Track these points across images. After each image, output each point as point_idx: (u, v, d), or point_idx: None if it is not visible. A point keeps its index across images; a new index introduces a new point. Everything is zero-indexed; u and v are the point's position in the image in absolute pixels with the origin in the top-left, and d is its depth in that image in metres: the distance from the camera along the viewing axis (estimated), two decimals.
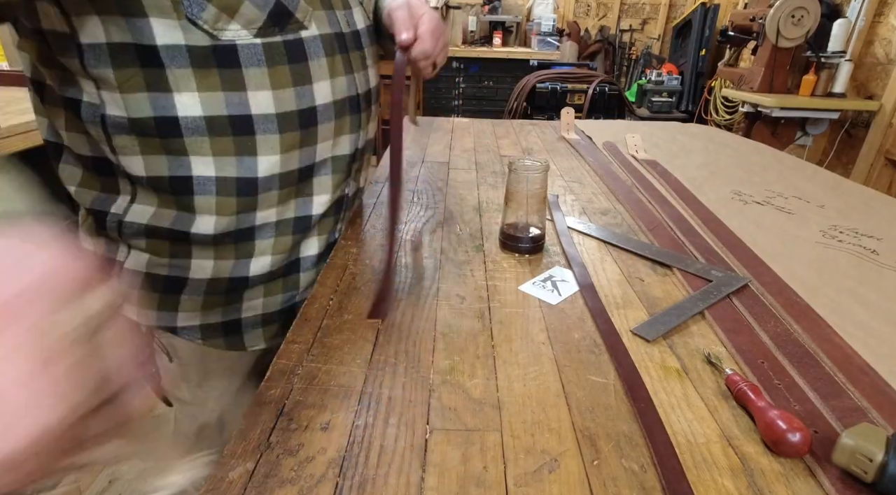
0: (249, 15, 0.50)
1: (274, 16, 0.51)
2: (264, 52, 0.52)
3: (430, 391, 0.47)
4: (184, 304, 0.61)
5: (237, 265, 0.61)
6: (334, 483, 0.37)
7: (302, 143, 0.58)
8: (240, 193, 0.56)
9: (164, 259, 0.58)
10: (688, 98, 3.76)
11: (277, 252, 0.63)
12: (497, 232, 0.79)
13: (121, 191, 0.56)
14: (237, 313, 0.64)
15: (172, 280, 0.59)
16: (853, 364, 0.50)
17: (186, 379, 0.67)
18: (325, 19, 0.57)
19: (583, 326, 0.57)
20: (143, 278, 0.59)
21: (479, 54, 3.59)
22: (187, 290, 0.60)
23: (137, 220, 0.56)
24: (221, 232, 0.57)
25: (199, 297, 0.61)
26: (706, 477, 0.39)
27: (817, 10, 2.38)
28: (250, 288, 0.63)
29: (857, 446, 0.37)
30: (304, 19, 0.54)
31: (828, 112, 2.49)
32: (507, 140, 1.38)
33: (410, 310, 0.59)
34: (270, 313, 0.66)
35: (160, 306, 0.60)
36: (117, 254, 0.59)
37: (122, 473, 1.41)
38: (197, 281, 0.60)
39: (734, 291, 0.63)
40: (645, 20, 4.11)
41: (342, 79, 0.60)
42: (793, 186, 1.03)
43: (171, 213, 0.56)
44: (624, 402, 0.46)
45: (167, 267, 0.59)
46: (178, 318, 0.61)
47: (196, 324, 0.62)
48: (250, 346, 0.66)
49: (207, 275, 0.60)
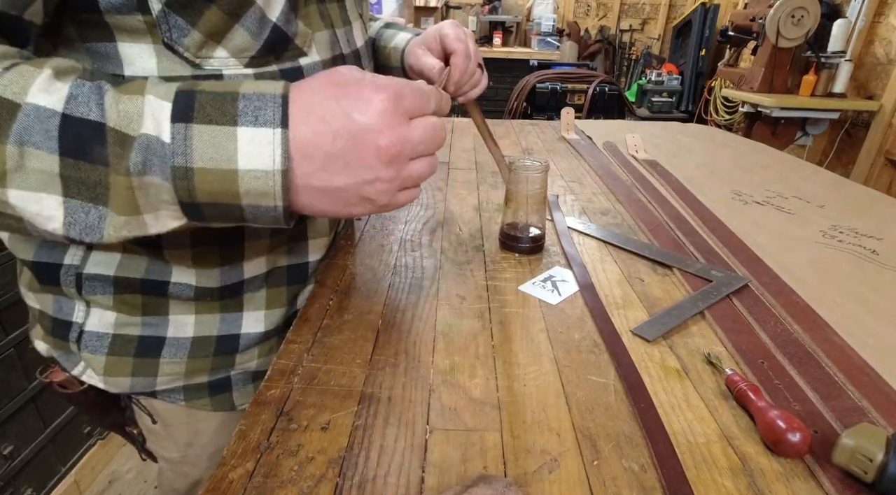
0: (241, 42, 0.41)
1: (270, 44, 0.43)
2: None
3: (430, 391, 0.47)
4: (163, 367, 0.52)
5: (225, 321, 0.52)
6: (334, 483, 0.37)
7: None
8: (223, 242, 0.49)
9: (132, 316, 0.49)
10: (688, 98, 3.77)
11: (272, 307, 0.56)
12: (497, 232, 0.79)
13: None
14: (226, 372, 0.56)
15: (148, 341, 0.50)
16: (853, 364, 0.50)
17: (174, 440, 0.59)
18: (326, 42, 0.50)
19: (583, 326, 0.57)
20: (111, 341, 0.49)
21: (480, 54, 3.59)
22: (167, 352, 0.51)
23: (100, 271, 0.47)
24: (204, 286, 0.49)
25: (180, 361, 0.52)
26: (706, 477, 0.39)
27: (817, 10, 2.38)
28: (242, 351, 0.55)
29: (857, 446, 0.37)
30: (303, 44, 0.46)
31: (828, 112, 2.49)
32: (507, 140, 1.38)
33: (410, 310, 0.59)
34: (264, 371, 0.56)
35: (134, 372, 0.51)
36: (74, 316, 0.48)
37: (122, 473, 1.41)
38: (178, 340, 0.51)
39: (734, 291, 0.63)
40: (645, 20, 4.11)
41: None
42: (793, 186, 1.03)
43: (144, 260, 0.47)
44: (624, 402, 0.46)
45: (140, 325, 0.50)
46: (156, 383, 0.53)
47: (179, 386, 0.54)
48: (240, 405, 0.59)
49: (190, 334, 0.51)
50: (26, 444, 1.15)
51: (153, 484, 1.37)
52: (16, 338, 1.10)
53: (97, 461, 1.38)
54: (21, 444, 1.13)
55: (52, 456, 1.23)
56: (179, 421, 0.58)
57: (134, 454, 1.45)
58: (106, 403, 0.55)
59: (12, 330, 1.09)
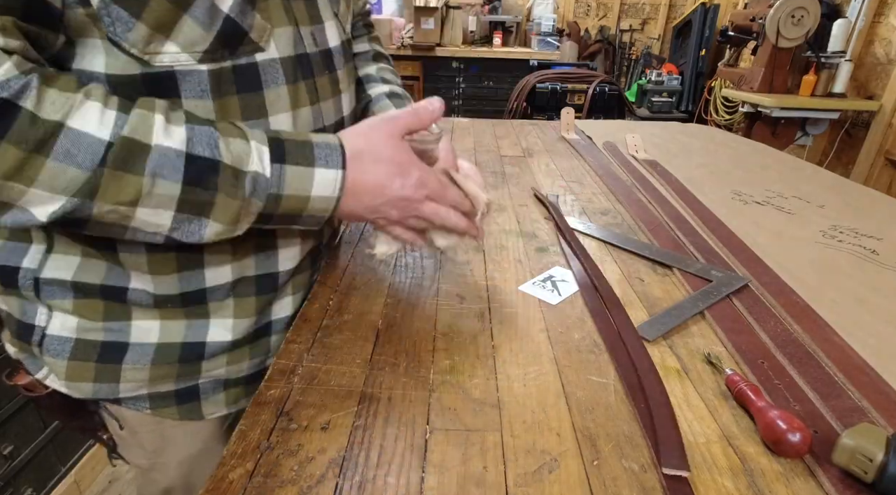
0: (191, 35, 0.40)
1: (223, 36, 0.41)
2: (210, 81, 0.42)
3: (430, 391, 0.47)
4: (126, 374, 0.51)
5: (191, 328, 0.51)
6: (334, 483, 0.37)
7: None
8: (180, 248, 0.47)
9: (96, 322, 0.48)
10: (688, 98, 3.77)
11: (241, 316, 0.53)
12: (497, 232, 0.79)
13: (33, 239, 0.46)
14: (193, 380, 0.54)
15: (109, 346, 0.49)
16: (853, 364, 0.50)
17: (142, 447, 0.58)
18: (288, 38, 0.47)
19: (583, 326, 0.57)
20: (73, 346, 0.48)
21: (479, 54, 3.59)
22: (130, 358, 0.50)
23: (57, 275, 0.46)
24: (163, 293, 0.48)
25: (143, 367, 0.51)
26: (706, 477, 0.39)
27: (817, 10, 2.38)
28: (208, 358, 0.53)
29: (857, 446, 0.37)
30: (259, 39, 0.44)
31: (828, 112, 2.49)
32: (507, 140, 1.38)
33: (410, 310, 0.59)
34: (234, 379, 0.57)
35: (97, 377, 0.50)
36: (36, 319, 0.48)
37: (122, 473, 1.41)
38: (141, 346, 0.50)
39: (734, 291, 0.63)
40: (645, 20, 4.11)
41: (306, 110, 0.50)
42: (793, 186, 1.03)
43: (102, 265, 0.46)
44: (624, 402, 0.46)
45: (102, 330, 0.49)
46: (119, 389, 0.52)
47: (143, 394, 0.53)
48: (209, 414, 0.57)
49: (154, 340, 0.50)
50: (26, 444, 1.15)
51: None
52: None
53: (97, 461, 1.38)
54: (21, 444, 1.13)
55: (52, 456, 1.23)
56: (146, 428, 0.56)
57: None
58: (73, 408, 0.54)
59: None
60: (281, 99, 0.48)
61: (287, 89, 0.48)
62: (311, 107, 0.51)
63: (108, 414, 0.56)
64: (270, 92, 0.47)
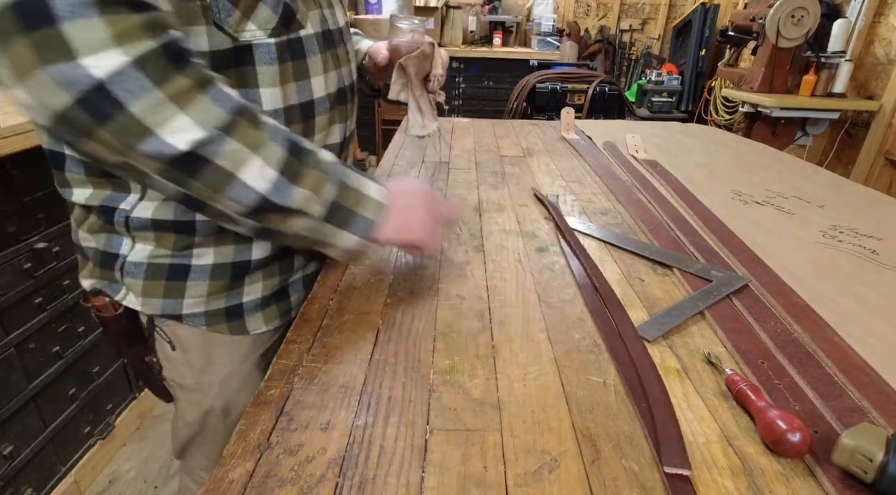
0: (264, 16, 0.53)
1: (283, 17, 0.55)
2: (276, 51, 0.55)
3: (430, 391, 0.47)
4: (189, 291, 0.62)
5: (238, 251, 0.62)
6: (334, 483, 0.37)
7: (303, 134, 0.61)
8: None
9: (166, 250, 0.60)
10: (688, 98, 3.76)
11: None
12: (497, 232, 0.79)
13: (132, 190, 0.57)
14: (239, 298, 0.65)
15: (177, 268, 0.61)
16: (853, 364, 0.50)
17: (189, 366, 0.68)
18: (317, 18, 0.61)
19: (583, 326, 0.57)
20: (146, 268, 0.60)
21: (479, 54, 3.59)
22: (192, 277, 0.61)
23: (143, 215, 0.57)
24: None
25: (203, 283, 0.62)
26: (706, 477, 0.39)
27: (817, 10, 2.38)
28: (251, 273, 0.65)
29: (857, 446, 0.37)
30: (303, 19, 0.58)
31: (828, 112, 2.49)
32: (507, 140, 1.38)
33: (410, 310, 0.59)
34: (268, 296, 0.68)
35: (165, 294, 0.62)
36: (121, 249, 0.60)
37: (122, 473, 1.41)
38: (200, 267, 0.61)
39: (734, 291, 0.63)
40: (645, 20, 4.11)
41: (333, 73, 0.65)
42: (793, 186, 1.03)
43: (174, 206, 0.57)
44: (624, 402, 0.46)
45: (170, 256, 0.60)
46: (183, 305, 0.62)
47: (201, 311, 0.64)
48: (252, 330, 0.67)
49: (210, 261, 0.61)
50: (26, 444, 1.15)
51: (153, 484, 1.37)
52: (16, 338, 1.10)
53: (97, 461, 1.38)
54: (21, 444, 1.13)
55: (52, 456, 1.23)
56: (196, 347, 0.66)
57: (134, 454, 1.45)
58: (132, 331, 0.66)
59: (12, 330, 1.09)
60: (317, 64, 0.61)
61: (321, 58, 0.62)
62: (336, 71, 0.65)
63: (161, 337, 0.66)
64: (311, 59, 0.60)
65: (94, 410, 1.37)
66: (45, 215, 1.15)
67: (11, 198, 1.08)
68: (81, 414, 1.31)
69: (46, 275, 1.15)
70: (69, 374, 1.26)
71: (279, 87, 0.57)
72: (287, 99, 0.58)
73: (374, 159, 3.82)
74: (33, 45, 0.39)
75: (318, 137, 0.65)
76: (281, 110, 0.58)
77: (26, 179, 1.10)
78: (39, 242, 1.14)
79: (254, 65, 0.55)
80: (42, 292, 1.16)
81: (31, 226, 1.13)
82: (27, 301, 1.12)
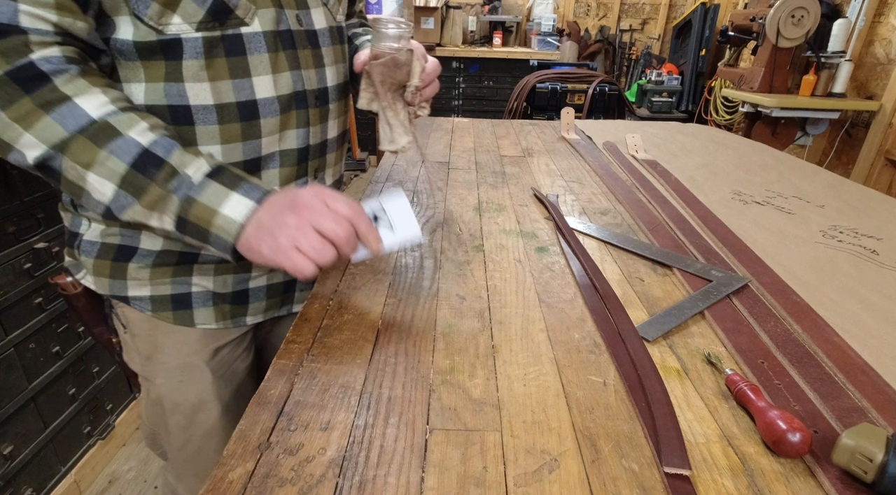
0: (189, 10, 0.53)
1: (213, 12, 0.54)
2: (204, 46, 0.54)
3: (430, 391, 0.47)
4: (133, 272, 0.63)
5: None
6: (334, 483, 0.37)
7: (244, 136, 0.59)
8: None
9: (115, 228, 0.62)
10: (688, 98, 3.76)
11: None
12: (497, 232, 0.79)
13: None
14: (187, 287, 0.65)
15: (124, 249, 0.62)
16: (853, 364, 0.50)
17: (138, 351, 0.69)
18: (270, 17, 0.58)
19: (583, 326, 0.57)
20: (99, 247, 0.63)
21: (479, 54, 3.59)
22: (136, 259, 0.63)
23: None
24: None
25: (146, 266, 0.63)
26: (706, 477, 0.39)
27: (817, 10, 2.38)
28: (200, 263, 0.64)
29: (857, 446, 0.37)
30: (245, 16, 0.56)
31: (828, 112, 2.49)
32: (507, 140, 1.38)
33: (410, 310, 0.59)
34: (223, 293, 0.67)
35: (112, 274, 0.64)
36: (80, 228, 0.63)
37: (122, 473, 1.41)
38: (147, 250, 0.62)
39: (734, 291, 0.63)
40: (645, 20, 4.11)
41: (286, 75, 0.61)
42: (793, 186, 1.03)
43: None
44: (624, 402, 0.46)
45: (119, 236, 0.62)
46: (127, 287, 0.64)
47: (146, 295, 0.64)
48: (200, 323, 0.67)
49: (157, 247, 0.62)
50: (26, 444, 1.15)
51: (153, 484, 1.37)
52: (16, 338, 1.10)
53: (97, 461, 1.38)
54: (21, 444, 1.13)
55: (52, 456, 1.23)
56: (143, 332, 0.67)
57: (134, 454, 1.45)
58: (95, 311, 0.69)
59: (12, 330, 1.09)
60: (263, 64, 0.59)
61: (268, 57, 0.59)
62: (293, 72, 0.62)
63: (117, 319, 0.68)
64: (253, 57, 0.58)
65: (94, 410, 1.36)
66: (45, 215, 1.16)
67: (11, 198, 1.08)
68: (81, 414, 1.31)
69: (46, 275, 1.15)
70: (69, 374, 1.26)
71: (207, 83, 0.56)
72: (220, 96, 0.57)
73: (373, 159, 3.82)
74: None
75: (268, 141, 0.62)
76: (212, 107, 0.57)
77: (26, 179, 1.10)
78: (39, 242, 1.14)
79: (181, 59, 0.54)
80: (42, 292, 1.16)
81: (31, 226, 1.13)
82: (27, 301, 1.12)
